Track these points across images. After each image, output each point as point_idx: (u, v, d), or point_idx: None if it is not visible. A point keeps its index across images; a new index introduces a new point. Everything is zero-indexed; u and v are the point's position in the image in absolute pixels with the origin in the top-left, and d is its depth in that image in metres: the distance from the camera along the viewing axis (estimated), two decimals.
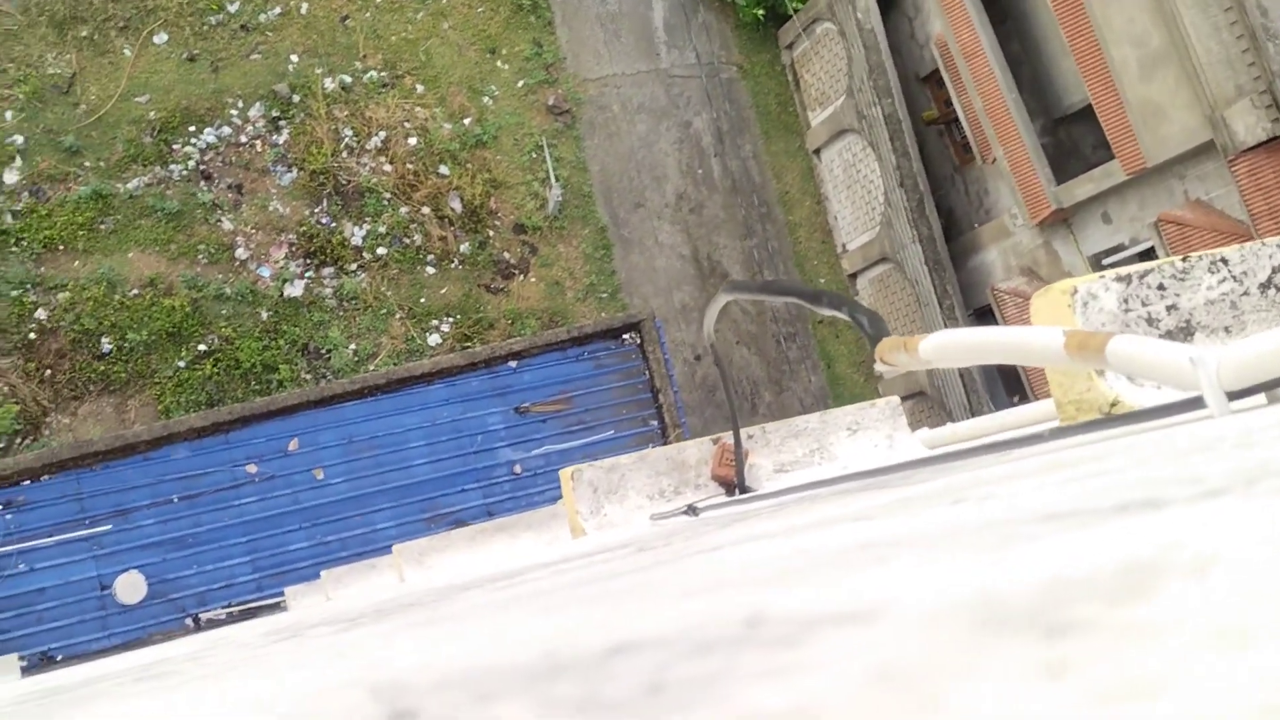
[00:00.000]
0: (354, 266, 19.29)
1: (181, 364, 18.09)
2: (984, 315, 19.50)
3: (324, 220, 19.35)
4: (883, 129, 19.52)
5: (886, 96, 19.52)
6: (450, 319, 19.62)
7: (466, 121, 20.47)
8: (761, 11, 21.75)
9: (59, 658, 15.02)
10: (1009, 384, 18.99)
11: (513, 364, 17.61)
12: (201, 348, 18.25)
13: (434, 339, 19.43)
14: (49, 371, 17.61)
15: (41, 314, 17.76)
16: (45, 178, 18.35)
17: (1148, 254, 16.32)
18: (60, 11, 18.94)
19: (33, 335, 17.68)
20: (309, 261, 19.16)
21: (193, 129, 19.17)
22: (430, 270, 19.72)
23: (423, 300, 19.59)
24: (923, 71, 20.23)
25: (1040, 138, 17.89)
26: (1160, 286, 2.88)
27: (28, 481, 15.43)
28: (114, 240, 18.41)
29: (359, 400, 16.92)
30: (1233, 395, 1.74)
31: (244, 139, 19.42)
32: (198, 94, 19.32)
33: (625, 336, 17.94)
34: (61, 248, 18.11)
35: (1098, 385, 2.82)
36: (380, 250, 19.46)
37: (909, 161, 19.40)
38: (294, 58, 19.90)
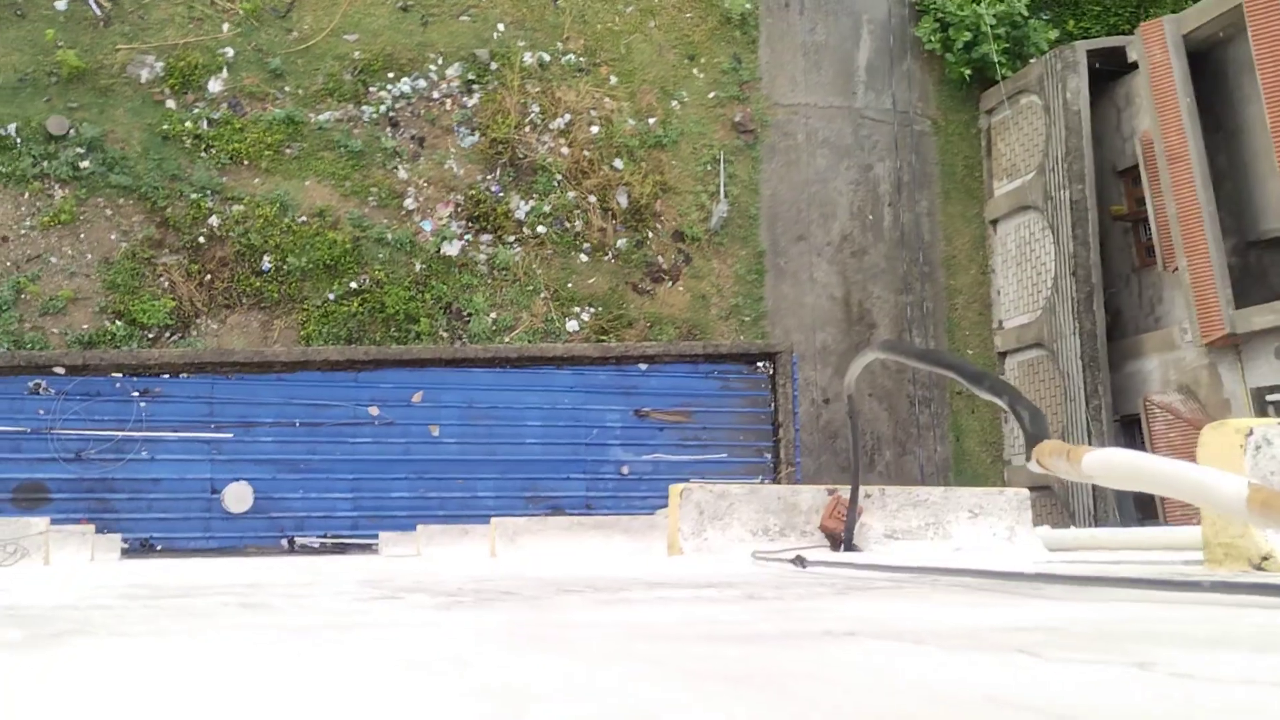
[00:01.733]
0: (512, 239, 19.57)
1: (331, 296, 18.60)
2: (1131, 424, 18.80)
3: (493, 188, 19.67)
4: (1067, 214, 18.98)
5: (1078, 182, 18.97)
6: (592, 309, 19.75)
7: (651, 121, 20.58)
8: (969, 71, 21.36)
9: (158, 547, 15.60)
10: (1140, 497, 18.29)
11: (643, 366, 17.65)
12: (353, 285, 18.73)
13: (572, 325, 19.58)
14: (209, 277, 18.30)
15: (214, 221, 18.46)
16: (246, 94, 19.06)
17: None
18: None
19: (202, 239, 18.39)
20: (470, 225, 19.50)
21: (391, 75, 19.68)
22: (583, 258, 19.88)
23: (569, 285, 19.76)
24: (1120, 165, 19.60)
25: (1229, 256, 17.17)
26: None
27: (167, 376, 16.06)
28: (295, 166, 19.02)
29: (488, 368, 17.16)
30: None
31: (436, 95, 19.86)
32: (403, 43, 19.83)
33: (759, 364, 17.81)
34: (246, 163, 18.79)
35: (1252, 535, 2.65)
36: (540, 228, 19.70)
37: (1087, 252, 18.82)
38: (501, 26, 20.28)
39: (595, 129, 20.22)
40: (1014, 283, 20.82)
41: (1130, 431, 18.74)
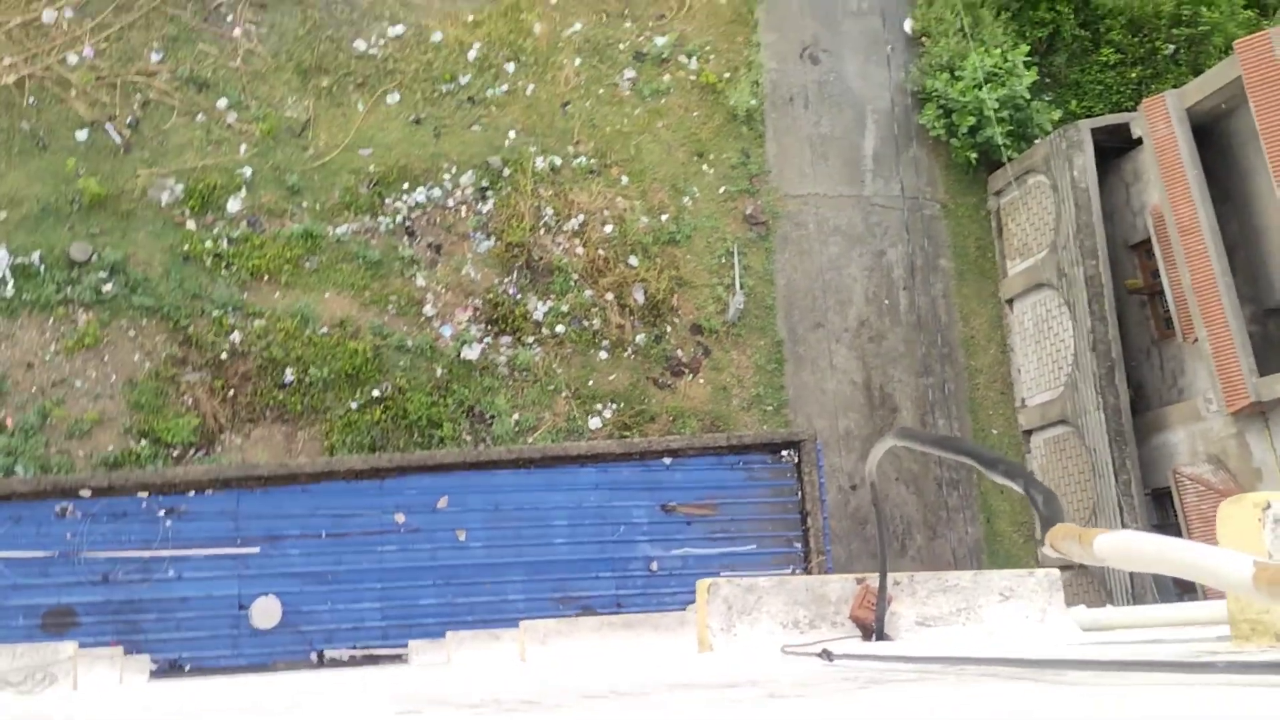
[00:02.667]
0: (531, 339, 19.72)
1: (354, 405, 18.72)
2: (1162, 498, 18.57)
3: (511, 291, 19.89)
4: (1082, 290, 19.01)
5: (1091, 258, 19.03)
6: (614, 405, 19.80)
7: (664, 217, 20.84)
8: (974, 154, 21.59)
9: (187, 668, 15.49)
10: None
11: (667, 461, 17.59)
12: (375, 393, 18.86)
13: (595, 422, 19.62)
14: (232, 392, 18.47)
15: (236, 337, 18.69)
16: (264, 211, 19.44)
17: None
18: (307, 60, 20.20)
19: (225, 356, 18.60)
20: (490, 328, 19.68)
21: (406, 186, 20.06)
22: (603, 355, 19.99)
23: (590, 383, 19.84)
24: (1133, 239, 19.67)
25: (1248, 325, 17.12)
26: None
27: (193, 493, 16.12)
28: (314, 279, 19.31)
29: (512, 470, 17.14)
30: None
31: (451, 203, 20.21)
32: (417, 154, 20.25)
33: (783, 453, 17.73)
34: (266, 278, 19.09)
35: (1277, 610, 2.62)
36: (559, 328, 19.85)
37: (1105, 327, 18.80)
38: (512, 134, 20.69)
39: (609, 228, 20.48)
40: (1034, 360, 20.77)
41: (1162, 505, 18.51)
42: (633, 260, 20.39)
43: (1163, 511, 18.54)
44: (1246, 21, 21.89)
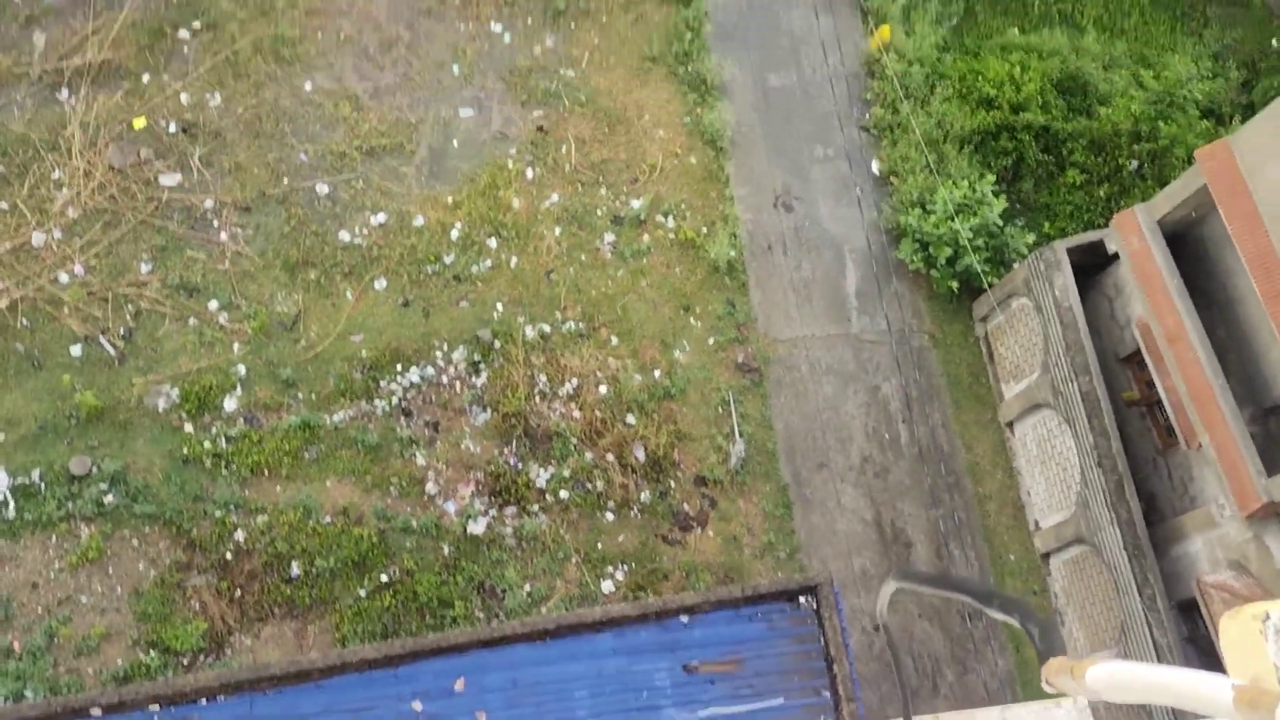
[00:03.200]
0: (536, 508, 19.63)
1: (362, 593, 18.51)
2: (1189, 609, 18.19)
3: (512, 461, 19.88)
4: (1080, 407, 19.00)
5: (1084, 374, 19.09)
6: (625, 567, 19.58)
7: (656, 373, 20.99)
8: (956, 283, 21.89)
9: None
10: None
11: (684, 619, 17.27)
12: (383, 578, 18.66)
13: (608, 586, 19.37)
14: (239, 592, 18.27)
15: (240, 535, 18.59)
16: (260, 406, 19.58)
17: None
18: (294, 256, 20.64)
19: (229, 555, 18.48)
20: (494, 500, 19.61)
21: (399, 367, 20.25)
22: (609, 517, 19.87)
23: (599, 546, 19.67)
24: (1123, 352, 19.76)
25: (1250, 426, 17.06)
26: None
27: (204, 700, 15.76)
28: (315, 468, 19.32)
29: (528, 643, 16.80)
30: None
31: (445, 379, 20.37)
32: (408, 336, 20.51)
33: (801, 600, 17.42)
34: (266, 473, 19.10)
35: None
36: (563, 494, 19.78)
37: (1107, 441, 18.72)
38: (499, 306, 20.99)
39: (604, 389, 20.60)
40: (1042, 482, 20.62)
41: (1191, 616, 18.12)
42: (630, 419, 20.44)
43: (1191, 623, 18.15)
44: (1205, 131, 22.48)
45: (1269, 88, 23.78)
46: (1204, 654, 17.80)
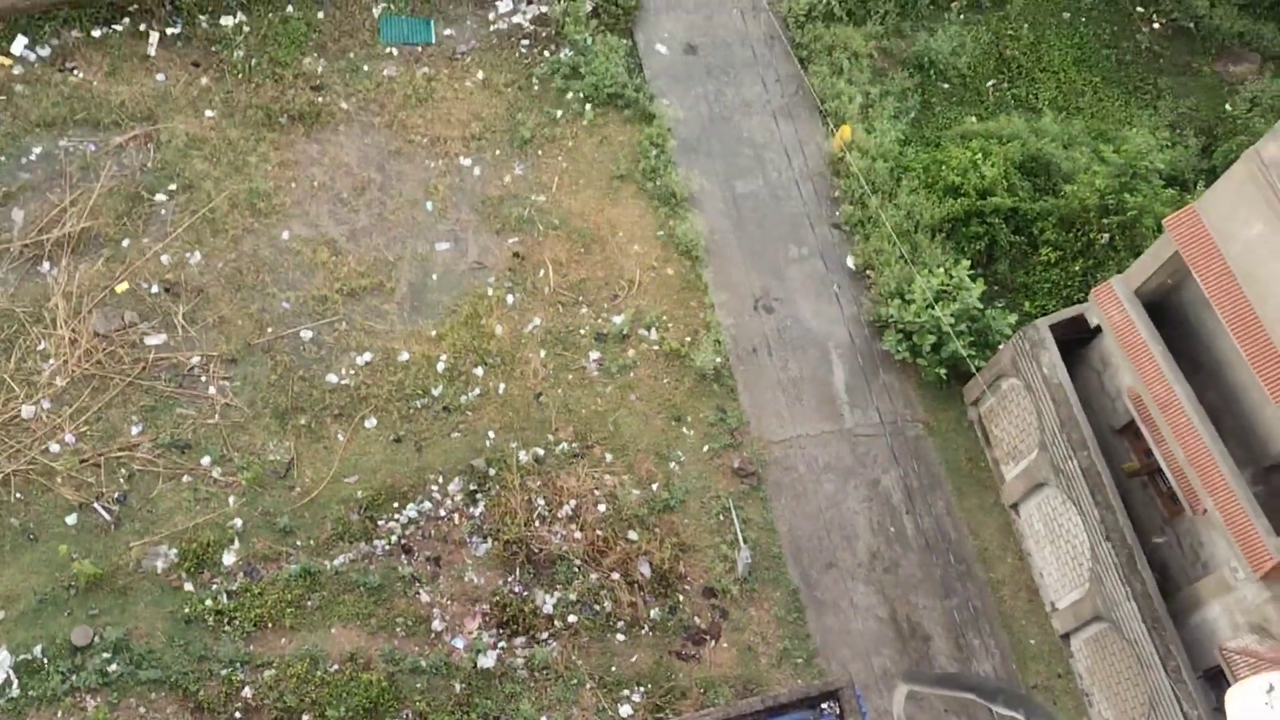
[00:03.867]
0: (545, 635, 19.35)
1: None
2: (1215, 678, 17.89)
3: (516, 589, 19.67)
4: (1082, 482, 18.93)
5: (1082, 449, 19.06)
6: (641, 688, 19.24)
7: (654, 487, 20.89)
8: (943, 370, 21.97)
9: None
10: None
11: None
12: None
13: (625, 710, 19.02)
14: None
15: (248, 692, 18.24)
16: (259, 558, 19.38)
17: None
18: (283, 403, 20.64)
19: (238, 715, 18.09)
20: (501, 631, 19.34)
21: (396, 505, 20.13)
22: (620, 637, 19.59)
23: (613, 669, 19.34)
24: (1118, 423, 19.77)
25: (1252, 486, 17.00)
26: None
27: None
28: (318, 616, 19.05)
29: None
30: None
31: (443, 513, 20.25)
32: (402, 472, 20.42)
33: (824, 706, 17.11)
34: (270, 625, 18.82)
35: None
36: (571, 618, 19.53)
37: (1113, 514, 18.62)
38: (491, 434, 20.95)
39: (602, 507, 20.49)
40: (1053, 561, 20.45)
41: (1218, 686, 17.80)
42: (632, 534, 20.29)
43: (1220, 692, 17.81)
44: (1170, 199, 22.82)
45: (1228, 151, 24.24)
46: None
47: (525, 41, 25.13)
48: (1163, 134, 25.14)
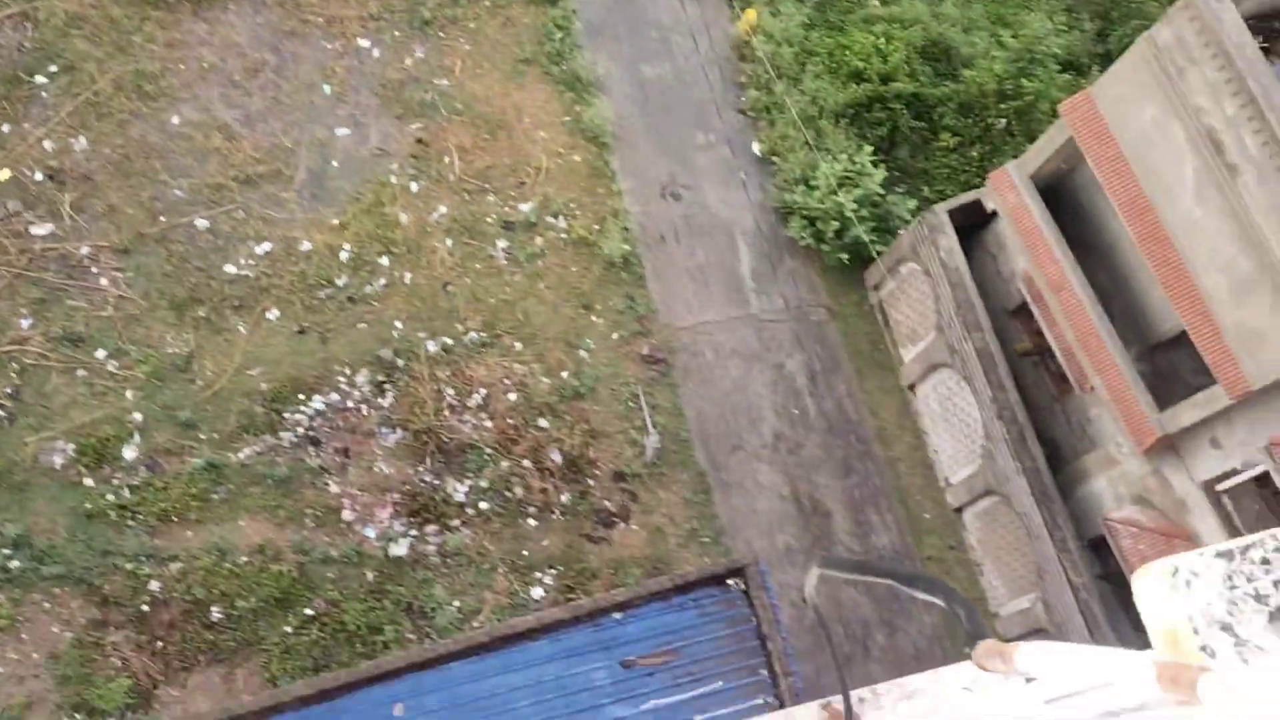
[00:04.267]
0: (457, 523, 19.50)
1: (288, 630, 18.20)
2: (1099, 547, 18.83)
3: (427, 478, 19.72)
4: (976, 363, 19.52)
5: (976, 331, 19.60)
6: (553, 571, 19.57)
7: (564, 375, 20.99)
8: (846, 255, 22.28)
9: None
10: (1135, 616, 18.12)
11: (617, 615, 17.30)
12: (308, 612, 18.37)
13: (537, 592, 19.35)
14: (160, 643, 17.83)
15: (155, 585, 18.13)
16: (162, 452, 19.09)
17: (1264, 478, 15.76)
18: (180, 294, 20.14)
19: (146, 607, 18.01)
20: (413, 520, 19.42)
21: (302, 397, 19.91)
22: (532, 522, 19.84)
23: (525, 553, 19.63)
24: (1011, 305, 20.34)
25: (1137, 364, 17.70)
26: (1264, 561, 2.78)
27: None
28: (225, 509, 18.92)
29: (464, 659, 16.70)
30: None
31: (351, 404, 20.10)
32: (307, 364, 20.17)
33: (730, 583, 17.60)
34: (175, 519, 18.65)
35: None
36: (482, 505, 19.69)
37: (1005, 394, 19.27)
38: (399, 324, 20.77)
39: (513, 396, 20.53)
40: (948, 439, 21.14)
41: (1101, 554, 18.76)
42: (543, 422, 20.42)
43: (1103, 560, 18.79)
44: (1066, 84, 23.17)
45: (1123, 36, 24.58)
46: (1118, 589, 18.45)
47: None
48: (1059, 18, 25.36)
